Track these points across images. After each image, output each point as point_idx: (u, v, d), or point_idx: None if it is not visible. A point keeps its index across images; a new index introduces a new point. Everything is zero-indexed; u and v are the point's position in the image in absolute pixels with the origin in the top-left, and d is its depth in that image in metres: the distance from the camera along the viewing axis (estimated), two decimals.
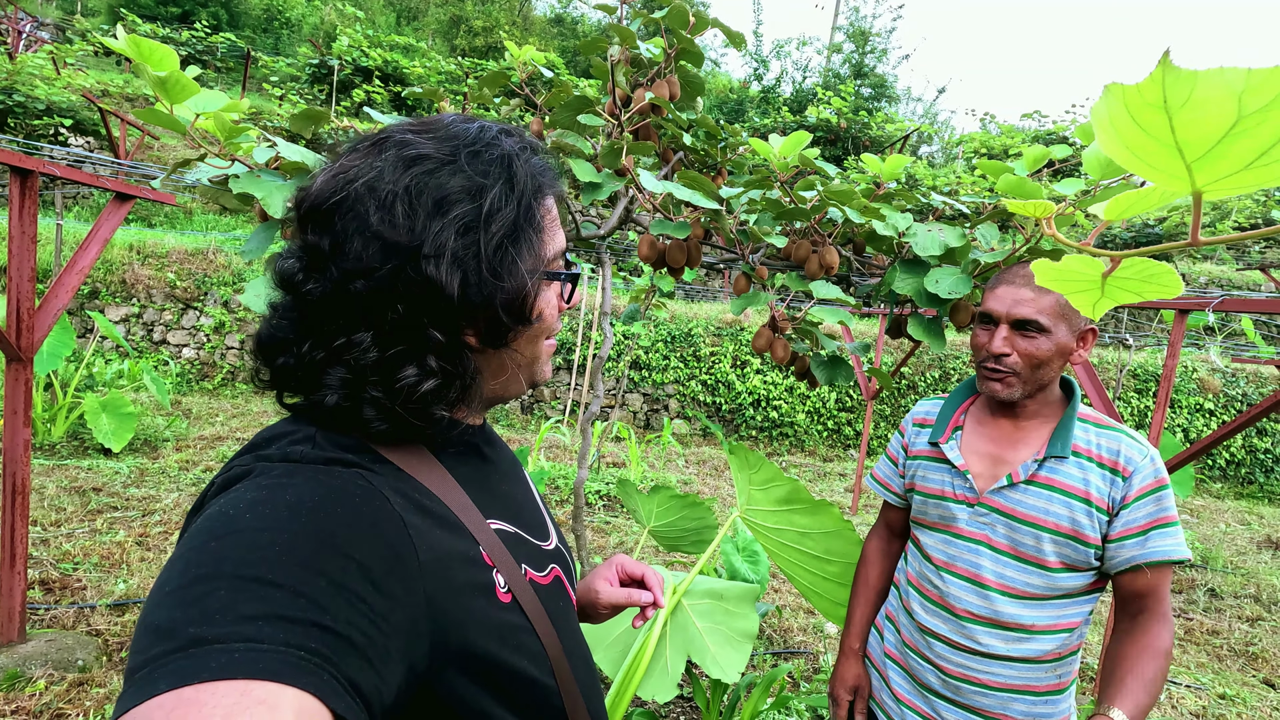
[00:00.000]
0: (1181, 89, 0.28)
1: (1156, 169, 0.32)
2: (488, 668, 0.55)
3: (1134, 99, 0.30)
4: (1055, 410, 1.16)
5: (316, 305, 0.54)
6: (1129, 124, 0.31)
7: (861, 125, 14.81)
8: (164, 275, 7.10)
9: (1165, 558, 1.03)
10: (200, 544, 0.43)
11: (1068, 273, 0.39)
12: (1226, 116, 0.28)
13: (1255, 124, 0.28)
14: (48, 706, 2.15)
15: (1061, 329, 1.09)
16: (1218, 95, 0.28)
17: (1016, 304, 1.10)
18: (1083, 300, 0.42)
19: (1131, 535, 1.05)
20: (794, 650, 3.12)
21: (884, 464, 1.39)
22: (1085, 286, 0.40)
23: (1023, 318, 1.09)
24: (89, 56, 13.61)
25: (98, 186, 2.44)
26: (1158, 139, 0.31)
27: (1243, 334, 10.20)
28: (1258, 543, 5.84)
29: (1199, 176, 0.32)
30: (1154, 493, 1.05)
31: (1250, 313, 2.61)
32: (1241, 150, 0.30)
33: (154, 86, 1.08)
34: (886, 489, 1.37)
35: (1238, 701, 3.07)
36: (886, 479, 1.37)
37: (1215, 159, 0.30)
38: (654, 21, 1.53)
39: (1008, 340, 1.11)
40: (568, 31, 23.03)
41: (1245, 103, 0.28)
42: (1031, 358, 1.10)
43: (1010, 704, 1.12)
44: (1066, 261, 0.39)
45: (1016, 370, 1.11)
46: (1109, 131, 0.32)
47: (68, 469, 4.29)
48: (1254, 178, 0.31)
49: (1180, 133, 0.30)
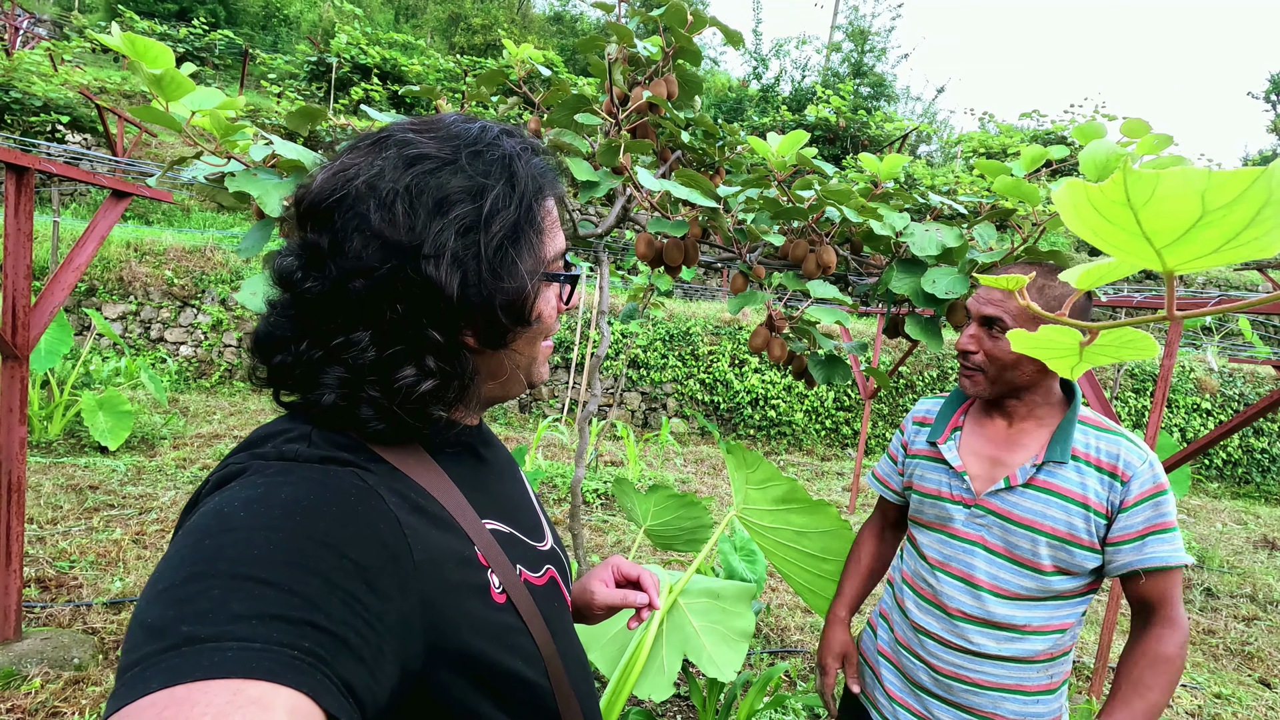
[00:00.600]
0: (1144, 189, 0.29)
1: (1126, 252, 0.32)
2: (481, 668, 0.55)
3: (1096, 196, 0.30)
4: (1055, 412, 1.15)
5: (315, 304, 0.54)
6: (1094, 215, 0.31)
7: (860, 124, 14.81)
8: (161, 273, 7.08)
9: (1162, 563, 1.03)
10: (194, 542, 0.43)
11: (1045, 342, 0.40)
12: (1191, 212, 0.29)
13: (1220, 218, 0.29)
14: (43, 705, 2.15)
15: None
16: (1181, 193, 0.28)
17: (986, 302, 1.10)
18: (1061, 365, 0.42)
19: (1128, 540, 1.05)
20: (790, 649, 3.13)
21: (885, 462, 1.39)
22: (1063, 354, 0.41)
23: (988, 315, 1.10)
24: (87, 53, 13.57)
25: (94, 184, 2.43)
26: (1124, 229, 0.31)
27: (1240, 334, 10.21)
28: (1254, 542, 5.86)
29: (1169, 259, 0.32)
30: (1152, 498, 1.04)
31: (1248, 313, 2.61)
32: (1210, 238, 0.30)
33: (149, 83, 1.08)
34: (886, 487, 1.37)
35: (1233, 701, 3.08)
36: (886, 477, 1.38)
37: (1184, 245, 0.31)
38: (652, 20, 1.53)
39: (974, 338, 1.12)
40: (566, 30, 23.01)
41: (1208, 200, 0.28)
42: (995, 358, 1.10)
43: (1001, 703, 1.12)
44: (1043, 332, 0.40)
45: (982, 368, 1.12)
46: (1074, 218, 0.32)
47: (64, 467, 4.28)
48: (1224, 258, 0.31)
49: (1146, 225, 0.30)
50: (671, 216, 1.52)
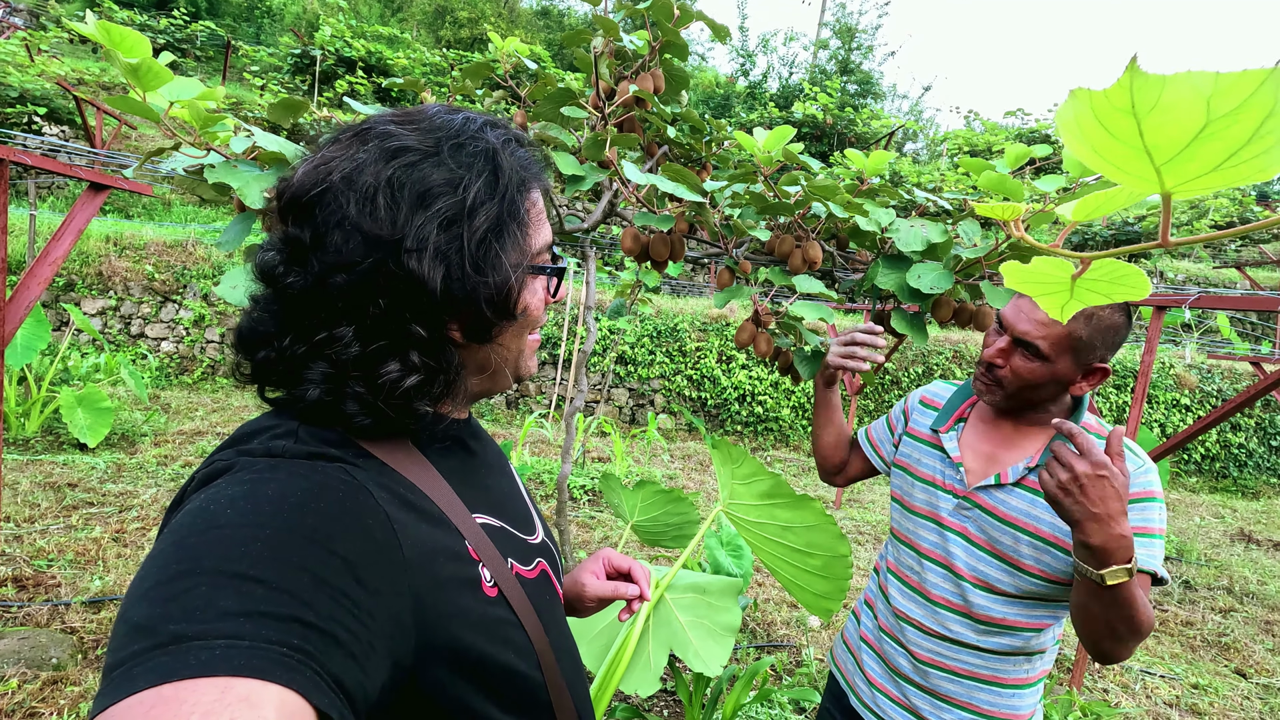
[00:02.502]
0: (1149, 94, 0.28)
1: (1125, 172, 0.32)
2: (473, 662, 0.55)
3: (1101, 104, 0.30)
4: (1059, 418, 1.15)
5: (297, 299, 0.54)
6: (1096, 128, 0.31)
7: (847, 121, 14.87)
8: (142, 267, 6.98)
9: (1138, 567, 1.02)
10: (180, 539, 0.42)
11: (1036, 274, 0.39)
12: (1195, 120, 0.28)
13: (1224, 127, 0.28)
14: (20, 705, 2.12)
15: (1065, 361, 1.04)
16: (1186, 99, 0.28)
17: (1026, 322, 1.06)
18: (1051, 303, 0.41)
19: None
20: (776, 644, 3.15)
21: (880, 428, 1.39)
22: (1054, 289, 0.40)
23: (1026, 338, 1.05)
24: (64, 43, 13.31)
25: (72, 176, 2.39)
26: (1126, 143, 0.30)
27: (1218, 331, 10.39)
28: (1231, 536, 5.97)
29: (1168, 179, 0.32)
30: (1137, 503, 1.04)
31: (1226, 309, 2.65)
32: (1211, 152, 0.29)
33: (126, 74, 1.06)
34: (875, 451, 1.37)
35: (1210, 691, 3.14)
36: (879, 443, 1.38)
37: (1184, 161, 0.30)
38: (638, 14, 1.52)
39: (1004, 353, 1.09)
40: (554, 24, 22.88)
41: (1214, 106, 0.28)
42: (1022, 378, 1.08)
43: (975, 693, 1.13)
44: (1036, 264, 0.38)
45: (1003, 382, 1.10)
46: (1075, 135, 0.32)
47: (42, 464, 4.21)
48: (1223, 178, 0.31)
49: (1149, 137, 0.30)
50: (658, 211, 1.52)
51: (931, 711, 1.16)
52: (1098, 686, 3.08)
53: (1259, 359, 5.93)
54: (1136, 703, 2.97)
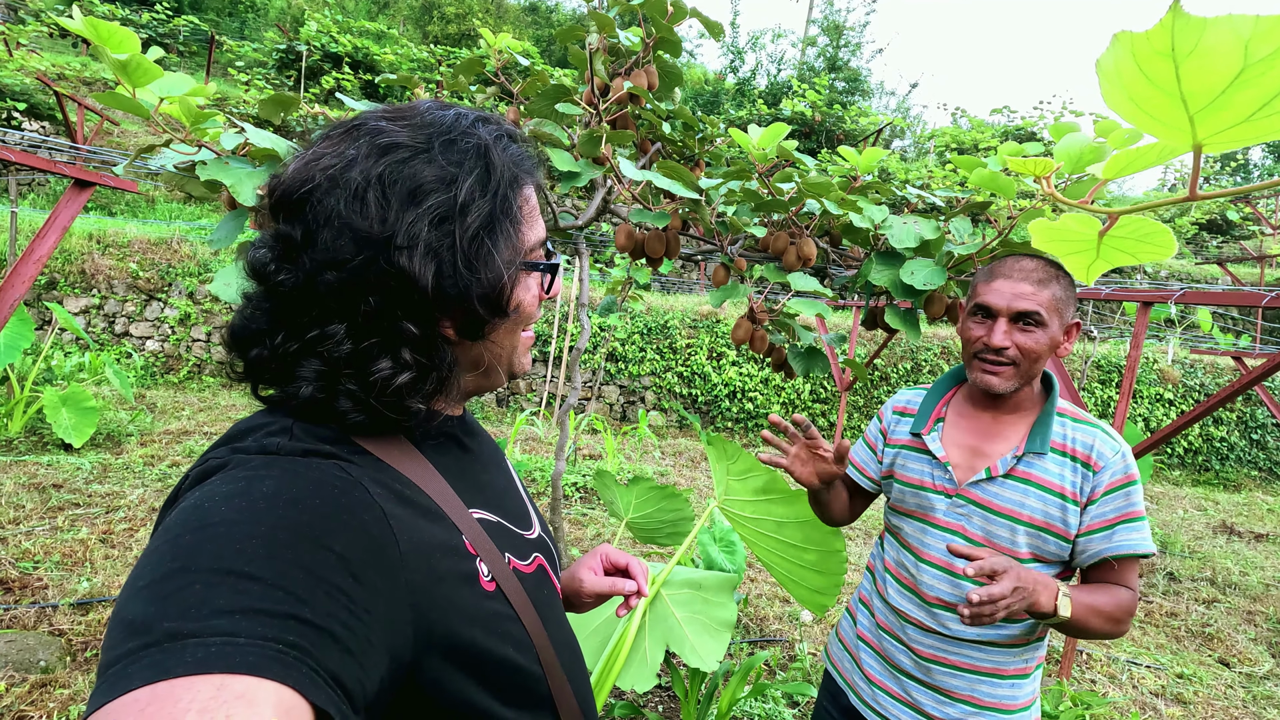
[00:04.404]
0: (1190, 36, 0.29)
1: (1159, 121, 0.32)
2: (472, 656, 0.55)
3: (1142, 47, 0.30)
4: (1034, 404, 1.18)
5: (289, 296, 0.53)
6: (1135, 73, 0.31)
7: (836, 119, 14.92)
8: (126, 265, 6.89)
9: (1131, 551, 1.06)
10: (175, 537, 0.42)
11: (1064, 232, 0.39)
12: (1232, 65, 0.29)
13: (1260, 73, 0.29)
14: (9, 709, 2.09)
15: (1055, 322, 1.10)
16: (1225, 42, 0.28)
17: (1018, 298, 1.10)
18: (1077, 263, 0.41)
19: (1098, 530, 1.08)
20: (770, 639, 3.16)
21: (861, 450, 1.38)
22: (1081, 247, 0.40)
23: (1024, 311, 1.09)
24: (44, 38, 13.10)
25: (55, 173, 2.36)
26: (1162, 89, 0.31)
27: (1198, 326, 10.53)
28: (1213, 528, 6.06)
29: (1201, 129, 0.32)
30: (1122, 488, 1.08)
31: (1210, 305, 2.69)
32: (1244, 100, 0.30)
33: (115, 70, 1.05)
34: (862, 474, 1.37)
35: (1195, 680, 3.19)
36: (864, 465, 1.37)
37: (1218, 109, 0.31)
38: (631, 10, 1.52)
39: (1008, 334, 1.11)
40: (542, 20, 22.78)
41: (1252, 50, 0.28)
42: (1029, 351, 1.10)
43: (978, 685, 1.15)
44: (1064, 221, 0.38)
45: (1015, 362, 1.12)
46: (1114, 82, 0.32)
47: (26, 465, 4.15)
48: (1254, 130, 0.31)
49: (1185, 82, 0.30)
50: (653, 208, 1.52)
51: (934, 706, 1.17)
52: (1085, 677, 3.12)
53: (1240, 354, 6.01)
54: (1124, 692, 3.01)
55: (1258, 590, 4.47)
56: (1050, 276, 1.10)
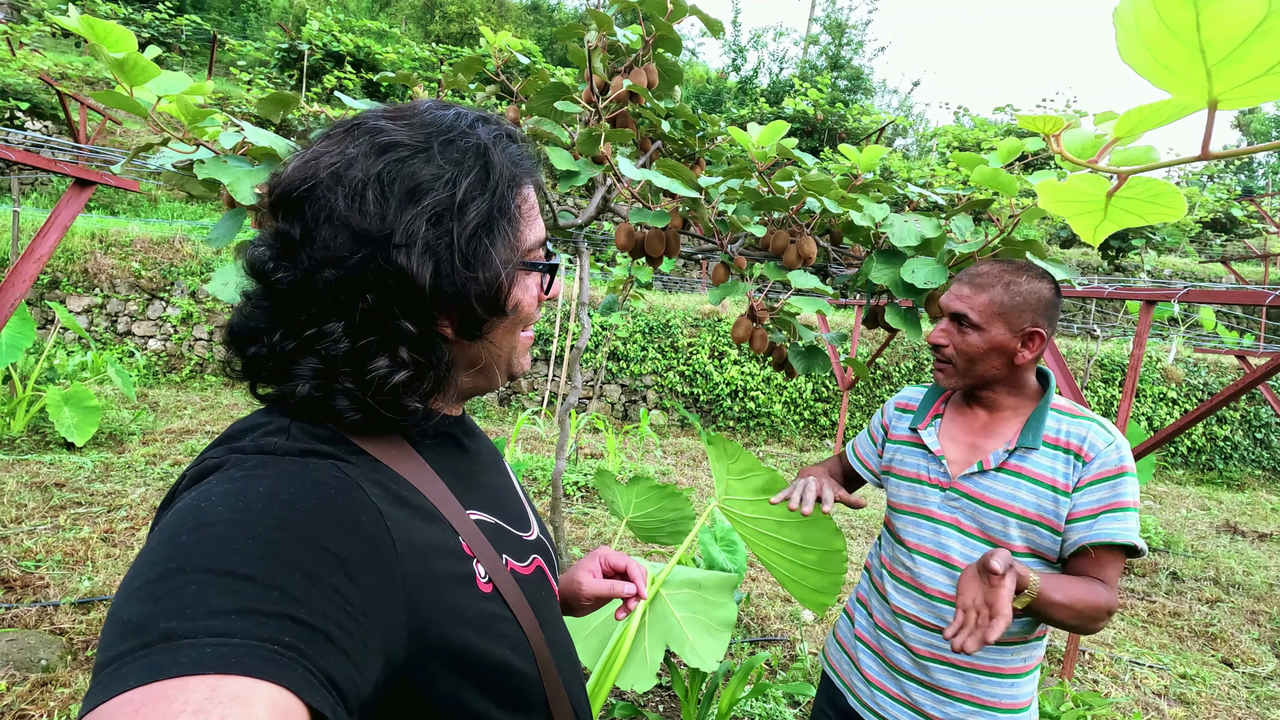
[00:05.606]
0: None
1: (1175, 74, 0.32)
2: (468, 658, 0.55)
3: None
4: (1030, 402, 1.19)
5: (287, 294, 0.53)
6: (1154, 22, 0.30)
7: (838, 117, 14.90)
8: (128, 264, 6.90)
9: (1109, 539, 1.03)
10: (171, 537, 0.42)
11: (1072, 192, 0.38)
12: (1254, 12, 0.28)
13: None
14: (9, 707, 2.09)
15: (997, 327, 1.12)
16: None
17: (954, 299, 1.16)
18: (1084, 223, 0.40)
19: (1081, 518, 1.06)
20: (771, 638, 3.16)
21: (865, 441, 1.42)
22: (1089, 207, 0.39)
23: (956, 312, 1.15)
24: (46, 37, 13.12)
25: (56, 172, 2.36)
26: (1181, 39, 0.30)
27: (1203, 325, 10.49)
28: (1217, 527, 6.04)
29: (1218, 83, 0.31)
30: (1111, 479, 1.06)
31: (1213, 304, 2.68)
32: (1264, 52, 0.29)
33: (112, 68, 1.04)
34: (864, 466, 1.40)
35: (1198, 680, 3.18)
36: (866, 457, 1.40)
37: (1236, 61, 0.30)
38: (631, 8, 1.51)
39: (945, 332, 1.17)
40: (544, 19, 22.78)
41: None
42: (963, 351, 1.15)
43: (977, 684, 1.15)
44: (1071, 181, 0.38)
45: (952, 360, 1.17)
46: (1132, 32, 0.31)
47: (28, 464, 4.16)
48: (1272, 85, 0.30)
49: (1205, 30, 0.30)
50: (653, 207, 1.51)
51: (933, 706, 1.17)
52: (1088, 677, 3.11)
53: (1244, 352, 5.99)
54: (1126, 693, 3.00)
55: (1261, 590, 4.45)
56: (995, 282, 1.12)
